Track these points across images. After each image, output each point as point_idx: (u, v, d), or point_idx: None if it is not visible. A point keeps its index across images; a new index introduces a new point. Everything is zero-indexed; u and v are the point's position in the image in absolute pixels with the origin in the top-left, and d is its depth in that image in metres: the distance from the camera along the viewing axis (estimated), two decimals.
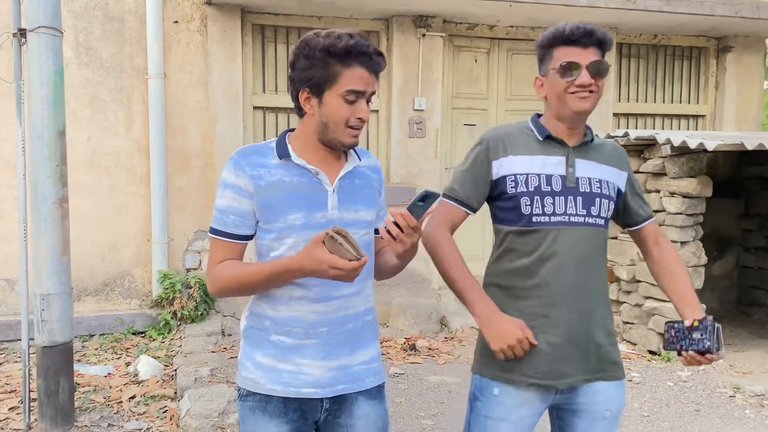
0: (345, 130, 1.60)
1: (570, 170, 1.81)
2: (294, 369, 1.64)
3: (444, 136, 6.33)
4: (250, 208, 1.62)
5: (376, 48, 1.61)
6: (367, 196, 1.71)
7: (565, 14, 6.03)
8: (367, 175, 1.74)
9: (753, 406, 4.16)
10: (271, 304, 1.65)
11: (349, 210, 1.66)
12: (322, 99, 1.59)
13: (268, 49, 5.99)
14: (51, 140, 3.45)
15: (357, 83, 1.57)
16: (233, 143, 5.74)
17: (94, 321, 5.39)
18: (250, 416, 1.67)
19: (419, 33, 6.04)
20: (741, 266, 6.56)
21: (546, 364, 1.78)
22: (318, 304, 1.63)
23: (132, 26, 5.51)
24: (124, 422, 3.72)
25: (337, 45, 1.55)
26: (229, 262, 1.64)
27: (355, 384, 1.69)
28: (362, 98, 1.59)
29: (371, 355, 1.74)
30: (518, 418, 1.80)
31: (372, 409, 1.72)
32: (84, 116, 5.46)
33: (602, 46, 1.78)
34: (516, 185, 1.81)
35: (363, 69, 1.58)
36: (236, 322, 5.66)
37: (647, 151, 5.28)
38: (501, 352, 1.73)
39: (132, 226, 5.59)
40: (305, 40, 1.60)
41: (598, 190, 1.83)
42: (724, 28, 6.67)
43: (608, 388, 1.84)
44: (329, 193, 1.64)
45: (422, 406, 4.08)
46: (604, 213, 1.83)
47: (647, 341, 5.20)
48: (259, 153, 1.65)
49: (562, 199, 1.79)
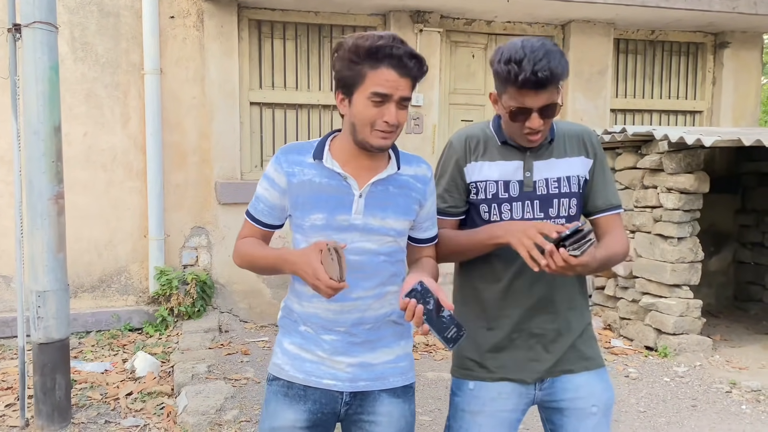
0: (372, 132, 1.59)
1: (527, 174, 1.82)
2: (316, 360, 1.70)
3: (441, 132, 6.32)
4: (279, 202, 1.71)
5: (410, 51, 1.57)
6: (400, 204, 1.69)
7: (563, 9, 6.03)
8: (409, 183, 1.72)
9: (749, 402, 4.18)
10: (298, 299, 1.73)
11: (376, 216, 1.66)
12: (351, 100, 1.60)
13: (265, 44, 5.97)
14: (46, 136, 3.43)
15: (382, 85, 1.55)
16: (230, 139, 5.73)
17: (90, 318, 5.38)
18: (272, 399, 1.74)
19: (416, 28, 6.03)
20: (738, 262, 6.58)
21: (512, 360, 1.84)
22: (333, 303, 1.66)
23: (128, 21, 5.49)
24: (121, 419, 3.71)
25: (362, 45, 1.55)
26: (250, 239, 1.77)
27: (378, 382, 1.72)
28: (389, 101, 1.57)
29: (396, 355, 1.75)
30: (494, 411, 1.84)
31: (396, 408, 1.73)
32: (80, 112, 5.43)
33: (556, 83, 1.70)
34: (477, 192, 1.84)
35: (391, 71, 1.55)
36: (233, 319, 5.66)
37: (644, 147, 5.28)
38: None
39: (128, 222, 5.58)
40: (339, 42, 1.61)
41: (556, 190, 1.82)
42: (722, 24, 6.67)
43: (590, 381, 1.86)
44: (355, 198, 1.65)
45: (419, 402, 4.08)
46: (564, 212, 1.83)
47: (644, 337, 5.21)
48: (299, 151, 1.70)
49: (519, 204, 1.81)
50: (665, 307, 5.02)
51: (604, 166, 1.90)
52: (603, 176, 1.89)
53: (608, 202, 1.89)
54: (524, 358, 1.84)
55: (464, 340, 1.58)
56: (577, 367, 1.86)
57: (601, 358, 1.92)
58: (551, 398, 1.86)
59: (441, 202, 1.87)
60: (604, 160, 1.91)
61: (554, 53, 1.66)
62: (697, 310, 5.02)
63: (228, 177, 5.73)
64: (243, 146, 5.86)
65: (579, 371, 1.86)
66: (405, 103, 1.60)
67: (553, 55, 1.66)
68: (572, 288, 1.88)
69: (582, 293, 1.92)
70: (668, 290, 5.05)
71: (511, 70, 1.66)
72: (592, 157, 1.88)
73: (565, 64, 1.69)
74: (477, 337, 1.87)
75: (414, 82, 1.61)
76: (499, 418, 1.84)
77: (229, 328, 5.50)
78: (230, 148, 5.74)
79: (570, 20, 6.40)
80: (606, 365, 1.94)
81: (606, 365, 1.94)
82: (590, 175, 1.88)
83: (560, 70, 1.67)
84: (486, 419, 1.84)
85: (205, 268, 5.73)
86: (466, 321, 1.84)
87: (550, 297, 1.84)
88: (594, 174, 1.88)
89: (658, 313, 5.08)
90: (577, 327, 1.88)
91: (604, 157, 1.91)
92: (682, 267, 5.02)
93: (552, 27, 6.52)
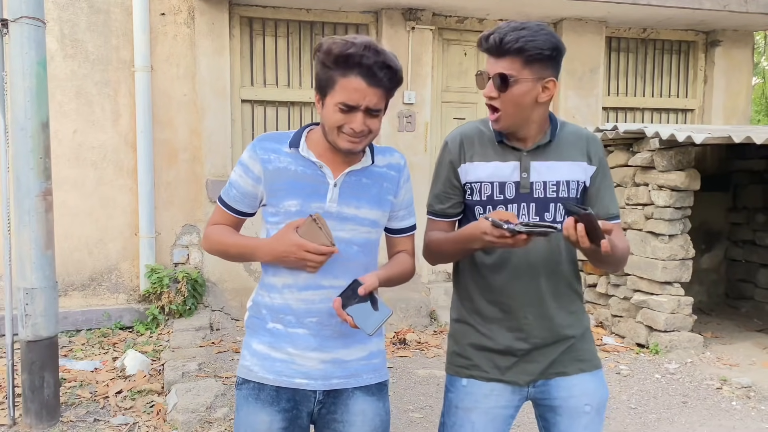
0: (339, 135, 1.60)
1: (524, 175, 1.78)
2: (286, 358, 1.67)
3: (434, 130, 6.31)
4: (252, 189, 1.70)
5: (382, 60, 1.54)
6: (373, 195, 1.70)
7: (555, 7, 6.03)
8: (382, 174, 1.72)
9: (739, 398, 4.19)
10: (268, 291, 1.70)
11: (350, 206, 1.66)
12: (324, 102, 1.61)
13: (256, 41, 5.95)
14: (34, 132, 3.41)
15: (349, 95, 1.55)
16: (221, 137, 5.71)
17: (81, 316, 5.35)
18: (244, 404, 1.70)
19: (408, 26, 6.02)
20: (729, 259, 6.60)
21: (505, 362, 1.82)
22: (306, 292, 1.65)
23: (118, 18, 5.45)
24: (110, 417, 3.69)
25: (333, 51, 1.54)
26: (220, 226, 1.77)
27: (352, 379, 1.70)
28: (356, 111, 1.56)
29: (369, 351, 1.73)
30: (487, 408, 1.83)
31: (370, 406, 1.71)
32: (70, 109, 5.40)
33: (513, 55, 1.68)
34: (472, 194, 1.82)
35: (360, 80, 1.54)
36: (225, 317, 5.63)
37: (636, 145, 5.29)
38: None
39: (119, 220, 5.55)
40: (319, 42, 1.61)
41: (554, 194, 1.77)
42: (713, 22, 6.69)
43: (584, 380, 1.84)
44: (330, 186, 1.65)
45: (411, 399, 4.08)
46: (560, 217, 1.78)
47: (636, 334, 5.22)
48: (275, 140, 1.71)
49: (515, 206, 1.78)
50: (656, 305, 5.03)
51: (606, 174, 1.85)
52: (604, 184, 1.84)
53: (607, 212, 1.82)
54: (517, 361, 1.82)
55: (387, 319, 1.58)
56: (571, 369, 1.84)
57: (598, 359, 1.89)
58: (544, 396, 1.85)
59: (438, 203, 1.86)
60: (607, 169, 1.86)
61: (528, 29, 1.68)
62: (688, 307, 5.03)
63: (219, 174, 5.71)
64: (234, 144, 5.84)
65: (574, 373, 1.83)
66: (374, 114, 1.59)
67: (522, 31, 1.67)
68: (567, 291, 1.85)
69: (578, 296, 1.89)
70: (659, 287, 5.06)
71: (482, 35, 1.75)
72: (596, 164, 1.82)
73: (529, 42, 1.66)
74: (471, 336, 1.87)
75: (387, 92, 1.59)
76: (491, 414, 1.83)
77: (221, 326, 5.48)
78: (221, 146, 5.72)
79: (562, 18, 6.41)
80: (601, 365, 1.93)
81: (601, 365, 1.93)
82: (591, 182, 1.83)
83: (512, 39, 1.66)
84: (479, 416, 1.83)
85: (197, 266, 5.70)
86: (462, 320, 1.87)
87: (544, 300, 1.81)
88: (595, 182, 1.83)
89: (650, 311, 5.09)
90: (573, 330, 1.84)
91: (606, 165, 1.86)
92: (673, 264, 5.03)
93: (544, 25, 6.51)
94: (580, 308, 1.89)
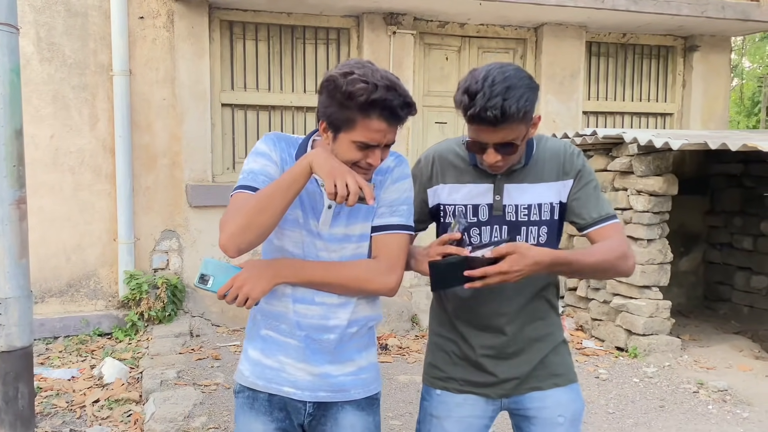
0: (353, 167, 1.57)
1: (497, 198, 1.79)
2: (277, 366, 1.69)
3: (415, 135, 6.32)
4: (277, 177, 1.62)
5: (405, 100, 1.52)
6: (364, 211, 1.67)
7: (535, 13, 6.06)
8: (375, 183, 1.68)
9: (716, 402, 4.23)
10: (267, 297, 1.64)
11: (340, 226, 1.66)
12: (336, 137, 1.57)
13: (236, 45, 5.91)
14: (8, 140, 3.34)
15: (371, 136, 1.53)
16: (201, 141, 5.67)
17: (58, 323, 5.28)
18: (241, 413, 1.74)
19: (390, 30, 6.02)
20: (707, 262, 6.68)
21: (478, 377, 1.85)
22: (300, 305, 1.65)
23: (96, 21, 5.40)
24: (86, 427, 3.65)
25: (358, 95, 1.49)
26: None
27: (339, 394, 1.70)
28: (375, 148, 1.56)
29: (358, 366, 1.72)
30: (461, 416, 1.85)
31: (359, 420, 1.71)
32: (47, 113, 5.33)
33: (512, 122, 1.61)
34: (445, 215, 1.84)
35: (382, 122, 1.53)
36: (205, 323, 5.59)
37: (615, 150, 5.33)
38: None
39: (97, 225, 5.49)
40: (333, 77, 1.53)
41: (525, 217, 1.78)
42: (691, 28, 6.76)
43: (556, 393, 1.85)
44: (324, 209, 1.65)
45: (390, 406, 4.07)
46: (532, 240, 1.78)
47: (615, 338, 5.26)
48: (288, 143, 1.71)
49: (488, 228, 1.80)
50: (635, 308, 5.08)
51: (588, 180, 1.81)
52: (585, 192, 1.80)
53: (591, 217, 1.78)
54: (489, 376, 1.83)
55: None
56: (545, 385, 1.84)
57: (574, 373, 1.90)
58: (518, 406, 1.87)
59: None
60: (589, 175, 1.82)
61: (516, 90, 1.57)
62: (666, 311, 5.08)
63: (199, 179, 5.67)
64: (214, 148, 5.80)
65: (548, 388, 1.84)
66: (390, 146, 1.61)
67: (513, 92, 1.57)
68: (542, 305, 1.86)
69: (553, 309, 1.90)
70: (638, 291, 5.10)
71: (463, 102, 1.62)
72: (573, 176, 1.80)
73: (525, 103, 1.59)
74: (445, 348, 1.88)
75: (400, 126, 1.59)
76: (465, 423, 1.85)
77: (201, 332, 5.44)
78: (201, 150, 5.68)
79: (542, 23, 6.44)
80: (577, 372, 1.93)
81: (577, 372, 1.93)
82: (570, 195, 1.80)
83: (515, 110, 1.57)
84: (453, 424, 1.85)
85: (176, 272, 5.66)
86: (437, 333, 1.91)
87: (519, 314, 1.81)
88: (574, 192, 1.80)
89: (629, 314, 5.13)
90: (545, 345, 1.85)
91: (588, 172, 1.82)
92: (651, 268, 5.08)
93: (525, 30, 6.56)
94: (554, 322, 1.90)
